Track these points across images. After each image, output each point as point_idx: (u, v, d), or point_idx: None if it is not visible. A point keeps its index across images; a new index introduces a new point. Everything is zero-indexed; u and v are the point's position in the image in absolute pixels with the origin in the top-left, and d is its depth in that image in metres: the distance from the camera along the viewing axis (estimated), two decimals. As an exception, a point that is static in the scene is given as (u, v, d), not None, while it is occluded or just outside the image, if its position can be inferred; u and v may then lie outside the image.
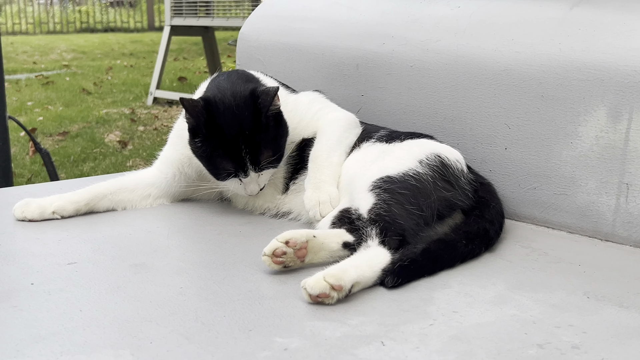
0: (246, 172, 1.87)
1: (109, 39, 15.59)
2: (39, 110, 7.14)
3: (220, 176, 1.90)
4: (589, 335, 1.34)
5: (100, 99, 7.83)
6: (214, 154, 1.87)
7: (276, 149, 1.90)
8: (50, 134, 6.11)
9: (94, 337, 1.32)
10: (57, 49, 13.26)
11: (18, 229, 1.93)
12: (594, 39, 1.87)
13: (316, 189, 1.88)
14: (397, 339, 1.32)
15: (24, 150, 5.54)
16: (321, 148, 1.95)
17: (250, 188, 1.90)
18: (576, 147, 1.87)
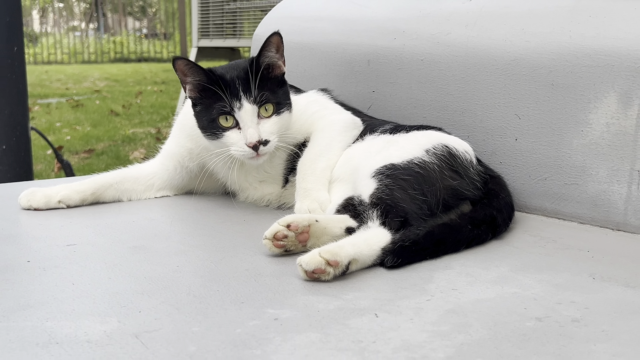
0: (240, 100, 1.81)
1: (141, 68, 15.79)
2: (67, 130, 7.22)
3: (220, 127, 1.83)
4: (591, 310, 1.29)
5: (127, 120, 7.91)
6: (211, 103, 1.84)
7: (274, 95, 1.86)
8: (76, 151, 6.16)
9: (83, 307, 1.31)
10: (91, 77, 13.45)
11: (22, 216, 1.93)
12: (604, 25, 1.83)
13: (304, 198, 1.84)
14: (392, 312, 1.28)
15: (50, 167, 5.59)
16: (307, 157, 1.93)
17: (250, 133, 1.81)
18: (587, 135, 1.83)
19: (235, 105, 1.81)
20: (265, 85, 1.84)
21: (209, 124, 1.84)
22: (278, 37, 1.86)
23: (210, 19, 7.52)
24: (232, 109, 1.81)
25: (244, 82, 1.82)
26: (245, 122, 1.82)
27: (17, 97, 3.83)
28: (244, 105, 1.81)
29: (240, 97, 1.81)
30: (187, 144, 2.01)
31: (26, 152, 3.94)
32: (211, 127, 1.84)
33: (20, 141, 3.89)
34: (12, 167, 3.87)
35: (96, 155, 6.04)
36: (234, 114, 1.81)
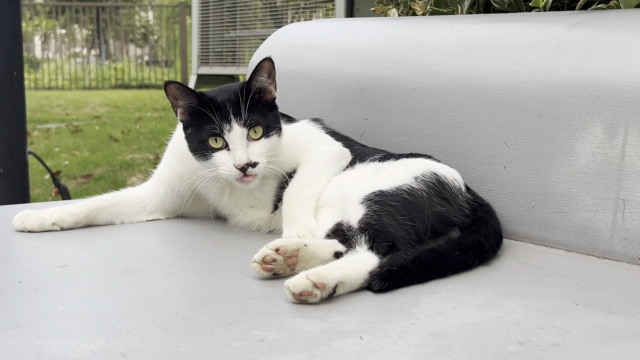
0: (230, 122, 1.84)
1: (142, 94, 15.85)
2: (66, 155, 7.25)
3: (209, 148, 1.86)
4: (572, 335, 1.31)
5: (126, 145, 7.95)
6: (200, 128, 1.87)
7: (264, 118, 1.89)
8: (74, 176, 6.19)
9: (72, 326, 1.33)
10: (91, 103, 13.50)
11: (16, 238, 1.95)
12: (590, 57, 1.87)
13: (291, 226, 1.85)
14: (376, 334, 1.30)
15: (47, 192, 5.61)
16: (292, 186, 1.95)
17: (238, 155, 1.84)
18: (573, 164, 1.86)
19: (225, 128, 1.84)
20: (255, 108, 1.88)
21: (199, 145, 1.87)
22: (270, 62, 1.90)
23: (210, 47, 7.59)
24: (221, 131, 1.84)
25: (234, 105, 1.85)
26: (234, 144, 1.85)
27: (15, 121, 3.87)
28: (234, 128, 1.84)
29: (230, 119, 1.84)
30: (177, 168, 2.05)
31: (23, 176, 3.97)
32: (201, 148, 1.87)
33: (18, 165, 3.92)
34: (8, 191, 3.89)
35: (94, 180, 6.06)
36: (224, 135, 1.84)
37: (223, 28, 7.53)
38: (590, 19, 1.98)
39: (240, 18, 7.44)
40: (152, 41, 22.34)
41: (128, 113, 11.73)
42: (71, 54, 20.03)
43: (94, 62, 19.50)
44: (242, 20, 7.47)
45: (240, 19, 7.44)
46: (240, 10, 7.43)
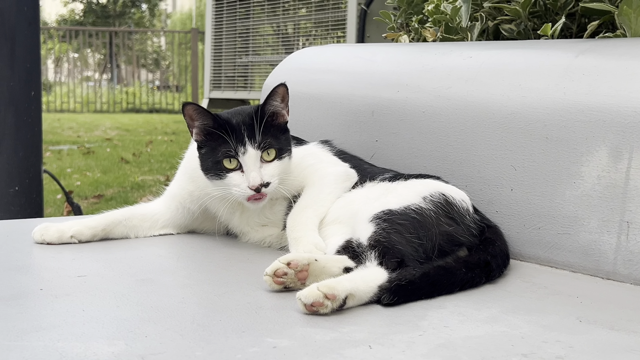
0: (245, 145, 1.89)
1: (153, 118, 15.98)
2: (78, 176, 7.33)
3: (223, 168, 1.91)
4: (575, 349, 1.36)
5: (137, 167, 8.03)
6: (216, 146, 1.92)
7: (277, 141, 1.95)
8: (86, 197, 6.26)
9: (92, 330, 1.38)
10: (102, 126, 13.62)
11: (36, 249, 2.00)
12: (596, 83, 1.92)
13: (297, 246, 1.89)
14: (385, 344, 1.35)
15: (59, 211, 5.68)
16: (295, 210, 2.00)
17: (252, 176, 1.89)
18: (579, 186, 1.91)
19: (240, 150, 1.90)
20: (268, 131, 1.93)
21: (213, 165, 1.92)
22: (284, 88, 1.96)
23: (222, 72, 7.69)
24: (236, 153, 1.90)
25: (249, 127, 1.91)
26: (248, 166, 1.90)
27: (31, 140, 3.95)
28: (248, 150, 1.90)
29: (245, 142, 1.90)
30: (188, 186, 2.10)
31: (38, 194, 4.04)
32: (215, 169, 1.92)
33: (33, 183, 3.99)
34: (23, 208, 3.95)
35: (105, 200, 6.13)
36: (238, 157, 1.90)
37: (235, 53, 7.64)
38: (597, 47, 2.04)
39: (253, 44, 7.55)
40: (163, 66, 22.53)
41: (139, 136, 11.83)
42: (83, 77, 20.22)
43: (105, 86, 19.66)
44: (254, 47, 7.58)
45: (253, 45, 7.55)
46: (253, 36, 7.54)
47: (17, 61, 3.85)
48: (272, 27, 7.57)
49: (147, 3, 27.76)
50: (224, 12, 7.72)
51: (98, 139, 11.26)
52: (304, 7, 6.94)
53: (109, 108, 18.13)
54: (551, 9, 2.36)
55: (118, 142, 10.61)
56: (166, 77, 21.28)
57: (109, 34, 20.02)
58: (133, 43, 20.30)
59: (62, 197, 5.61)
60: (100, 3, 26.94)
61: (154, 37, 24.71)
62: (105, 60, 20.48)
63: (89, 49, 20.86)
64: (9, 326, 1.38)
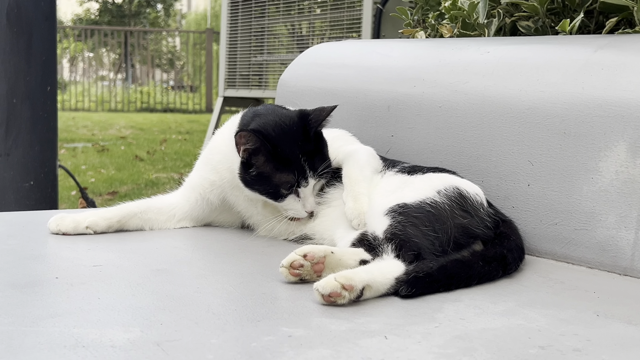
0: (307, 179, 1.93)
1: (167, 118, 16.01)
2: (92, 173, 7.36)
3: (280, 194, 1.95)
4: (593, 342, 1.34)
5: (151, 165, 8.04)
6: (273, 172, 1.94)
7: (324, 159, 1.98)
8: (100, 193, 6.28)
9: (108, 317, 1.38)
10: (117, 125, 13.66)
11: (51, 239, 2.00)
12: (615, 78, 1.91)
13: (356, 201, 1.92)
14: (401, 335, 1.34)
15: (73, 207, 5.70)
16: (353, 166, 2.02)
17: (310, 202, 1.96)
18: (597, 182, 1.90)
19: (303, 184, 1.94)
20: (318, 148, 1.98)
21: (268, 186, 1.95)
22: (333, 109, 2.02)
23: (237, 70, 7.70)
24: (298, 186, 1.94)
25: (305, 154, 1.94)
26: (306, 194, 1.96)
27: (47, 135, 3.96)
28: (310, 182, 1.95)
29: (307, 176, 1.94)
30: (210, 176, 2.10)
31: (53, 189, 4.05)
32: (270, 187, 1.95)
33: (48, 178, 4.00)
34: (38, 203, 3.96)
35: (119, 197, 6.15)
36: (299, 190, 1.95)
37: (250, 53, 7.65)
38: (616, 42, 2.03)
39: (267, 44, 7.56)
40: (178, 66, 22.58)
41: (153, 135, 11.86)
42: (98, 77, 20.29)
43: (120, 86, 19.73)
44: (269, 46, 7.59)
45: (267, 45, 7.56)
46: (267, 36, 7.55)
47: (34, 55, 3.87)
48: (286, 27, 7.58)
49: (162, 3, 27.85)
50: (239, 12, 7.73)
51: (112, 137, 11.30)
52: (319, 7, 6.94)
53: (124, 107, 18.18)
54: (569, 6, 2.34)
55: (132, 141, 10.65)
56: (180, 77, 21.33)
57: (124, 33, 20.09)
58: (148, 43, 20.36)
59: (77, 194, 5.64)
60: (115, 3, 27.04)
61: (169, 37, 24.78)
62: (120, 60, 20.55)
63: (104, 49, 20.94)
64: (24, 312, 1.38)
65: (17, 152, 3.83)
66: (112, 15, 26.72)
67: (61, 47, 18.88)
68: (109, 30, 20.37)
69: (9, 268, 1.70)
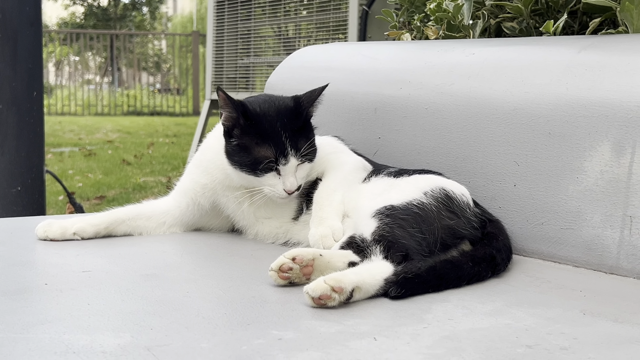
0: (287, 156, 1.92)
1: (154, 121, 15.99)
2: (79, 177, 7.35)
3: (259, 168, 1.93)
4: (579, 340, 1.36)
5: (139, 169, 8.04)
6: (252, 145, 1.94)
7: (311, 144, 1.99)
8: (88, 198, 6.27)
9: (98, 323, 1.38)
10: (103, 129, 13.64)
11: (39, 246, 2.01)
12: (599, 78, 1.93)
13: (319, 225, 1.94)
14: (390, 336, 1.35)
15: (61, 212, 5.68)
16: (323, 189, 2.03)
17: (290, 182, 1.94)
18: (582, 181, 1.91)
19: (282, 162, 1.93)
20: (306, 134, 1.99)
21: (248, 164, 1.94)
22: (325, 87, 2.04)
23: (224, 73, 7.70)
24: (277, 164, 1.93)
25: (289, 133, 1.94)
26: (286, 172, 1.95)
27: (34, 140, 3.96)
28: (290, 161, 1.94)
29: (287, 153, 1.93)
30: (201, 179, 2.11)
31: (40, 195, 4.04)
32: (248, 166, 1.95)
33: (35, 183, 4.00)
34: (25, 208, 3.96)
35: (107, 202, 6.14)
36: (279, 167, 1.94)
37: (237, 55, 7.65)
38: (599, 43, 2.05)
39: (254, 46, 7.56)
40: (164, 69, 22.55)
41: (140, 138, 11.85)
42: (84, 80, 20.23)
43: (106, 89, 19.68)
44: (256, 49, 7.59)
45: (254, 47, 7.56)
46: (254, 38, 7.55)
47: (19, 61, 3.87)
48: (273, 29, 7.58)
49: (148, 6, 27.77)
50: (225, 14, 7.73)
51: (99, 141, 11.28)
52: (305, 9, 6.96)
53: (110, 111, 18.14)
54: (553, 7, 2.37)
55: (119, 145, 10.63)
56: (167, 80, 21.31)
57: (110, 37, 20.04)
58: (134, 46, 20.33)
59: (64, 198, 5.63)
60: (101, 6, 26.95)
61: (155, 40, 24.73)
62: (106, 63, 20.49)
63: (90, 52, 20.88)
64: (14, 319, 1.38)
65: (3, 158, 3.82)
66: (98, 18, 26.61)
67: (47, 51, 18.83)
68: (94, 34, 20.33)
69: (-2, 275, 1.70)
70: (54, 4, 25.85)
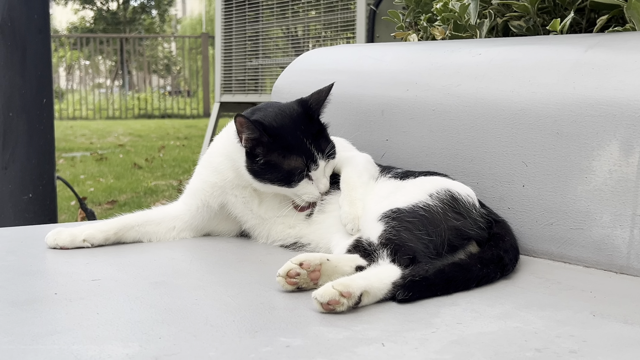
0: (316, 161, 1.96)
1: (165, 123, 16.04)
2: (91, 182, 7.38)
3: (293, 179, 1.96)
4: (589, 343, 1.36)
5: (150, 172, 8.07)
6: (280, 160, 1.96)
7: (331, 142, 2.03)
8: (99, 202, 6.30)
9: (107, 333, 1.39)
10: (115, 132, 13.69)
11: (49, 254, 2.02)
12: (606, 77, 1.92)
13: (352, 205, 1.94)
14: (398, 342, 1.35)
15: (73, 217, 5.71)
16: (352, 171, 2.04)
17: (323, 183, 1.98)
18: (590, 181, 1.91)
19: (312, 168, 1.97)
20: (323, 134, 2.03)
21: (278, 173, 1.97)
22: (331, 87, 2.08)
23: (233, 75, 7.71)
24: (309, 170, 1.97)
25: (310, 137, 1.97)
26: (318, 176, 1.98)
27: (44, 147, 3.97)
28: (319, 164, 1.98)
29: (315, 158, 1.97)
30: (211, 178, 2.11)
31: (52, 201, 4.06)
32: (281, 174, 1.97)
33: (46, 190, 4.01)
34: (37, 215, 3.98)
35: (119, 206, 6.17)
36: (310, 174, 1.97)
37: (245, 57, 7.66)
38: (606, 41, 2.04)
39: (262, 47, 7.56)
40: (174, 72, 22.61)
41: (151, 142, 11.88)
42: (95, 84, 20.32)
43: (117, 93, 19.75)
44: (264, 50, 7.59)
45: (262, 48, 7.57)
46: (263, 40, 7.56)
47: (28, 69, 3.88)
48: (281, 30, 7.58)
49: (157, 9, 27.87)
50: (233, 15, 7.74)
51: (110, 145, 11.32)
52: (313, 9, 6.96)
53: (121, 114, 18.21)
54: (560, 5, 2.36)
55: (130, 148, 10.67)
56: (177, 82, 21.36)
57: (120, 40, 20.11)
58: (144, 49, 20.40)
59: (76, 203, 5.65)
60: (110, 10, 27.06)
61: (165, 42, 24.82)
62: (117, 67, 20.57)
63: (100, 56, 20.98)
64: (24, 330, 1.39)
65: (14, 165, 3.84)
66: (107, 22, 26.75)
67: (57, 55, 18.91)
68: (104, 38, 20.42)
69: (8, 285, 1.71)
70: (64, 8, 25.98)
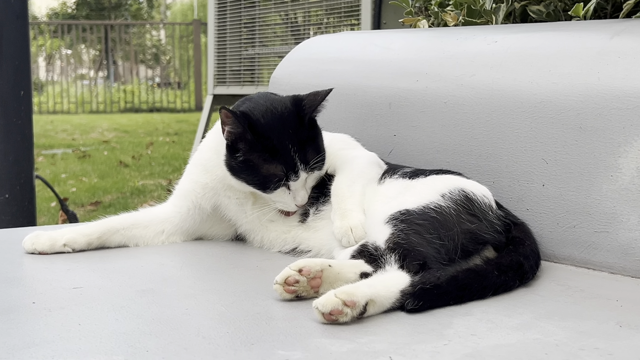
0: (297, 172, 1.95)
1: (153, 118, 16.03)
2: (73, 181, 7.38)
3: (269, 186, 1.95)
4: (615, 356, 1.35)
5: (137, 171, 8.08)
6: (260, 162, 1.95)
7: (319, 150, 2.01)
8: (82, 204, 6.30)
9: (89, 345, 1.38)
10: (99, 128, 13.69)
11: (27, 260, 2.01)
12: (634, 67, 1.91)
13: (344, 218, 1.93)
14: (407, 355, 1.35)
15: (54, 220, 5.72)
16: (342, 181, 2.03)
17: (301, 196, 1.98)
18: (617, 180, 1.90)
19: (292, 178, 1.95)
20: (313, 140, 2.01)
21: (255, 174, 1.97)
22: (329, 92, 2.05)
23: (227, 66, 7.70)
24: (288, 180, 1.95)
25: (298, 146, 1.96)
26: (297, 187, 1.97)
27: (22, 143, 3.97)
28: (300, 176, 1.96)
29: (297, 168, 1.95)
30: (201, 178, 2.11)
31: (30, 202, 4.06)
32: (258, 177, 1.97)
33: (25, 190, 4.01)
34: (15, 217, 3.98)
35: (103, 207, 6.17)
36: (289, 184, 1.96)
37: (241, 46, 7.65)
38: (633, 27, 2.03)
39: (259, 35, 7.56)
40: (164, 62, 22.59)
41: (138, 138, 11.89)
42: (77, 75, 20.29)
43: (101, 85, 19.73)
44: (261, 38, 7.58)
45: (259, 37, 7.56)
46: (259, 27, 7.55)
47: (5, 59, 3.88)
48: (280, 16, 7.57)
49: (144, -7, 27.89)
50: (228, 0, 7.73)
51: (94, 141, 11.33)
52: (315, -7, 6.95)
53: (106, 108, 18.19)
54: (583, -12, 2.35)
55: (116, 145, 10.68)
56: (167, 74, 21.34)
57: (104, 27, 20.09)
58: (130, 37, 20.38)
59: (57, 204, 5.65)
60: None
61: (153, 30, 24.81)
62: (101, 57, 20.55)
63: (83, 45, 20.95)
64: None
65: (-11, 163, 3.84)
66: (91, 8, 26.74)
67: (36, 44, 18.90)
68: (87, 25, 20.40)
69: (-18, 293, 1.71)
70: (43, -7, 25.98)
